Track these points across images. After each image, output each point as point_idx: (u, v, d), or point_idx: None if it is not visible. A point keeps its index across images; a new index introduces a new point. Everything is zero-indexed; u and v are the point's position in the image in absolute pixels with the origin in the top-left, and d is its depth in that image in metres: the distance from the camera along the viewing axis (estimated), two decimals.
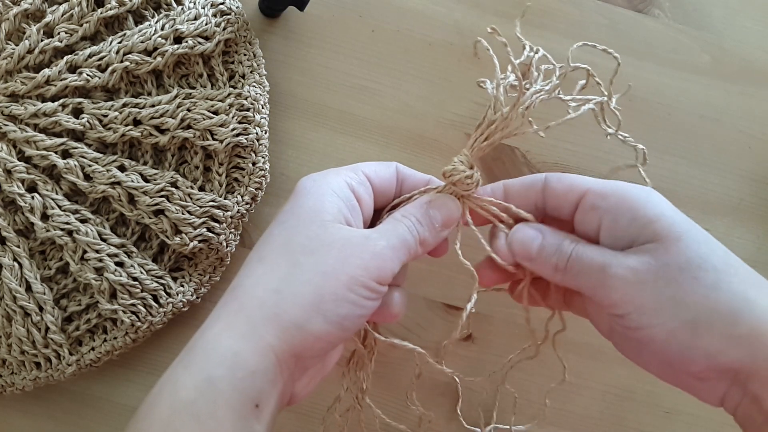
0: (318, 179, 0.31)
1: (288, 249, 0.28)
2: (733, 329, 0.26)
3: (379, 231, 0.30)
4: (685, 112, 0.43)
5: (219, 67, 0.38)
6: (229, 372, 0.26)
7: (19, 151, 0.36)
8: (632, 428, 0.40)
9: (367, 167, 0.32)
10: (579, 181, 0.31)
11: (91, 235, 0.35)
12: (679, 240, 0.28)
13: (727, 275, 0.27)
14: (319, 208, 0.29)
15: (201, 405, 0.25)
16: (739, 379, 0.27)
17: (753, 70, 0.44)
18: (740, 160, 0.43)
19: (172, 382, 0.26)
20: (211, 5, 0.38)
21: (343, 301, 0.27)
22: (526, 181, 0.33)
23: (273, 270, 0.28)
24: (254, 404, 0.26)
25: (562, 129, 0.42)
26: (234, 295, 0.28)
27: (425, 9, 0.43)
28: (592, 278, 0.29)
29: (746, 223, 0.42)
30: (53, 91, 0.36)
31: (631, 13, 0.44)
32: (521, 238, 0.31)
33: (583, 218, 0.31)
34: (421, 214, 0.31)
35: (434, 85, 0.42)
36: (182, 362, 0.27)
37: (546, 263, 0.31)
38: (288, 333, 0.26)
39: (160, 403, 0.26)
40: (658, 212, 0.29)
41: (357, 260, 0.28)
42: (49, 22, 0.36)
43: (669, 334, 0.27)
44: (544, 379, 0.39)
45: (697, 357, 0.27)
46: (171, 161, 0.37)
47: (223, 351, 0.26)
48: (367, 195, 0.31)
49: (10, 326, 0.35)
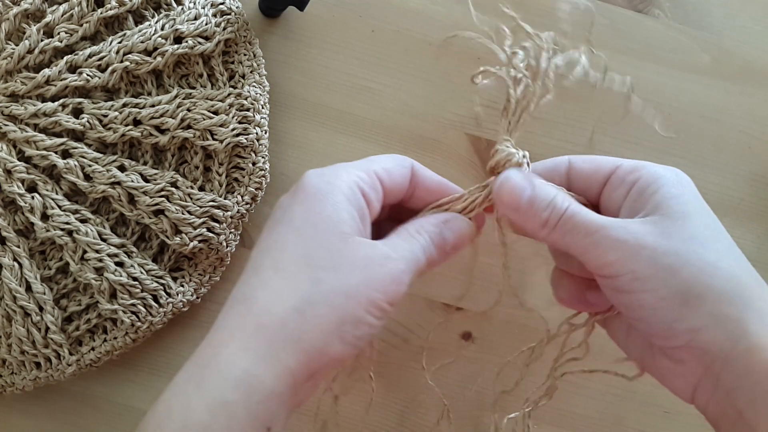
0: (330, 179, 0.29)
1: (308, 263, 0.27)
2: (722, 308, 0.26)
3: (396, 249, 0.28)
4: (685, 112, 0.43)
5: (219, 67, 0.38)
6: (245, 396, 0.25)
7: (19, 151, 0.36)
8: (632, 428, 0.40)
9: (380, 166, 0.30)
10: (606, 160, 0.31)
11: (91, 235, 0.35)
12: (688, 218, 0.28)
13: (729, 259, 0.27)
14: (336, 218, 0.28)
15: (215, 429, 0.24)
16: (714, 368, 0.26)
17: (753, 70, 0.44)
18: (740, 160, 0.43)
19: (184, 403, 0.25)
20: (211, 5, 0.38)
21: (361, 324, 0.27)
22: (549, 165, 0.32)
23: (293, 286, 0.27)
24: (266, 428, 0.25)
25: (564, 129, 0.42)
26: (248, 308, 0.27)
27: (425, 9, 0.43)
28: (586, 238, 0.28)
29: (746, 223, 0.42)
30: (53, 91, 0.36)
31: (631, 13, 0.44)
32: (510, 186, 0.29)
33: (610, 194, 0.30)
34: (437, 234, 0.30)
35: (434, 85, 0.42)
36: (193, 381, 0.26)
37: (535, 217, 0.29)
38: (308, 356, 0.26)
39: (171, 425, 0.25)
40: (679, 192, 0.29)
41: (378, 284, 0.27)
42: (49, 22, 0.36)
43: (658, 302, 0.27)
44: (543, 378, 0.39)
45: (680, 330, 0.27)
46: (171, 161, 0.37)
47: (240, 374, 0.25)
48: (376, 200, 0.30)
49: (10, 326, 0.35)
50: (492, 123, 0.42)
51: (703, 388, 0.27)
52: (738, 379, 0.26)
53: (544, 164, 0.32)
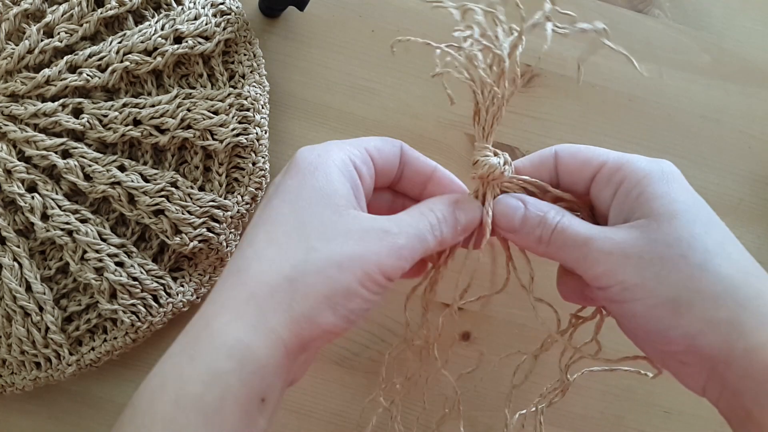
0: (322, 153, 0.29)
1: (302, 232, 0.27)
2: (714, 312, 0.26)
3: (400, 225, 0.28)
4: (685, 112, 0.43)
5: (219, 67, 0.38)
6: (238, 366, 0.25)
7: (19, 151, 0.36)
8: (632, 428, 0.40)
9: (371, 144, 0.31)
10: (594, 155, 0.30)
11: (91, 235, 0.35)
12: (674, 218, 0.27)
13: (718, 257, 0.27)
14: (330, 190, 0.27)
15: (208, 400, 0.24)
16: (717, 369, 0.26)
17: (753, 70, 0.44)
18: (740, 160, 0.43)
19: (177, 374, 0.25)
20: (211, 5, 0.38)
21: (354, 296, 0.26)
22: (536, 159, 0.32)
23: (286, 254, 0.26)
24: (261, 398, 0.25)
25: (563, 129, 0.42)
26: (241, 279, 0.27)
27: (425, 9, 0.43)
28: (575, 251, 0.28)
29: (746, 223, 0.42)
30: (53, 91, 0.36)
31: (631, 13, 0.44)
32: (503, 210, 0.30)
33: (598, 193, 0.30)
34: (449, 213, 0.30)
35: (434, 85, 0.42)
36: (186, 352, 0.26)
37: (529, 235, 0.30)
38: (299, 325, 0.25)
39: (163, 397, 0.25)
40: (665, 190, 0.28)
41: (373, 256, 0.26)
42: (49, 22, 0.36)
43: (649, 311, 0.27)
44: (544, 379, 0.39)
45: (676, 337, 0.26)
46: (171, 161, 0.37)
47: (233, 343, 0.25)
48: (368, 175, 0.30)
49: (10, 326, 0.35)
50: None
51: (712, 388, 0.27)
52: (741, 381, 0.26)
53: (531, 159, 0.32)
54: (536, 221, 0.29)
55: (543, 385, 0.37)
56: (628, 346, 0.33)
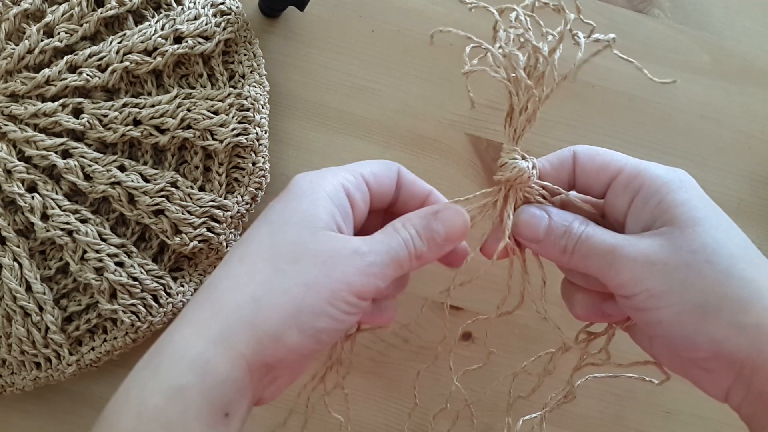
0: (314, 179, 0.29)
1: (272, 253, 0.27)
2: (742, 317, 0.26)
3: (371, 243, 0.28)
4: (685, 112, 0.43)
5: (219, 67, 0.38)
6: (199, 380, 0.25)
7: (19, 151, 0.36)
8: (632, 428, 0.40)
9: (367, 170, 0.31)
10: (611, 160, 0.30)
11: (91, 235, 0.35)
12: (696, 225, 0.27)
13: (742, 262, 0.27)
14: (311, 212, 0.28)
15: (170, 413, 0.24)
16: (744, 373, 0.26)
17: (753, 70, 0.44)
18: (740, 160, 0.43)
19: (140, 388, 0.25)
20: (211, 5, 0.38)
21: (322, 315, 0.26)
22: (555, 161, 0.32)
23: (253, 274, 0.27)
24: (224, 413, 0.25)
25: (564, 129, 0.42)
26: (208, 296, 0.27)
27: (425, 9, 0.43)
28: (601, 260, 0.28)
29: (746, 223, 0.42)
30: (53, 91, 0.36)
31: (631, 13, 0.44)
32: (528, 219, 0.30)
33: (614, 198, 0.30)
34: (423, 226, 0.29)
35: (434, 85, 0.42)
36: (149, 366, 0.26)
37: (554, 245, 0.30)
38: (261, 344, 0.26)
39: (127, 411, 0.25)
40: (685, 198, 0.28)
41: (340, 275, 0.26)
42: (49, 22, 0.36)
43: (676, 317, 0.27)
44: (546, 383, 0.39)
45: (703, 343, 0.26)
46: (171, 161, 0.37)
47: (193, 357, 0.25)
48: (362, 201, 0.30)
49: (10, 326, 0.35)
50: (491, 123, 0.42)
51: (736, 392, 0.27)
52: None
53: (550, 161, 0.32)
54: (561, 231, 0.30)
55: (544, 386, 0.37)
56: (628, 349, 0.33)
